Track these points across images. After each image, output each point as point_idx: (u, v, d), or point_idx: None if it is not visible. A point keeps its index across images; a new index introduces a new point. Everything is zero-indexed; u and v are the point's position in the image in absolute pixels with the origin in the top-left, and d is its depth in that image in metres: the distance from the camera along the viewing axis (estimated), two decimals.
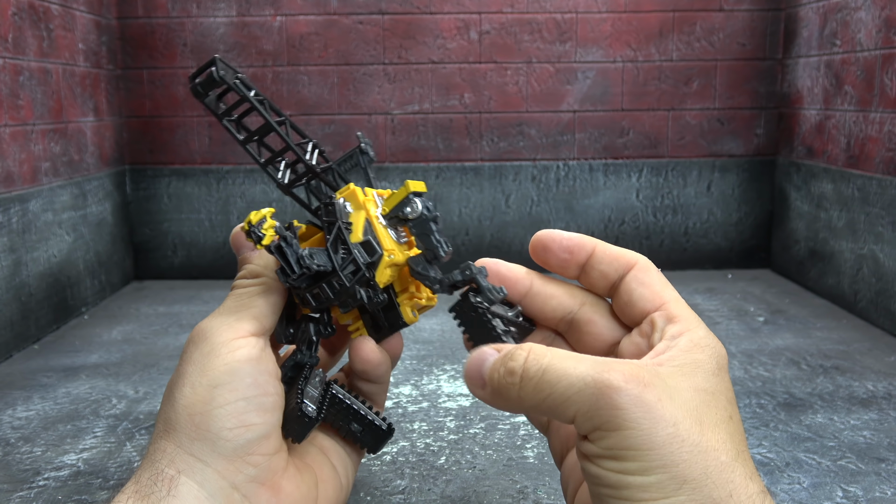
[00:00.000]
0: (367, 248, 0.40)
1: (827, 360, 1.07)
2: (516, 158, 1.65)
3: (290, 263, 0.39)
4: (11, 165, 1.17)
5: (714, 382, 0.35)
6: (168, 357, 1.12)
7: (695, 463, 0.32)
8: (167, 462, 0.36)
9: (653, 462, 0.31)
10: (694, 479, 0.32)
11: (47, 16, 1.30)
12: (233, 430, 0.36)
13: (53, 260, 1.29)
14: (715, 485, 0.32)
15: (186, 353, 0.39)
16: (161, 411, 0.38)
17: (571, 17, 1.60)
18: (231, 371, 0.37)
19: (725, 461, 0.32)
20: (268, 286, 0.41)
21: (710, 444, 0.32)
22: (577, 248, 0.42)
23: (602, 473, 0.33)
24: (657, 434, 0.32)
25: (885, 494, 0.69)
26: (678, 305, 0.39)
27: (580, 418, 0.33)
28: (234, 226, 1.66)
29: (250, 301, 0.40)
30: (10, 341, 1.14)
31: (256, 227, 0.39)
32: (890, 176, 1.23)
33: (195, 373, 0.37)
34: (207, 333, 0.38)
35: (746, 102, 1.65)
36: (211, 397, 0.36)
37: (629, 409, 0.31)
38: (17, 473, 0.74)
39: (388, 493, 0.67)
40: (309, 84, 1.61)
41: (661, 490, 0.31)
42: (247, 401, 0.37)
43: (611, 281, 0.41)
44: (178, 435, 0.36)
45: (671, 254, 1.69)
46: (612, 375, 0.32)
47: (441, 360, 1.08)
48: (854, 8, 1.35)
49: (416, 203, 0.41)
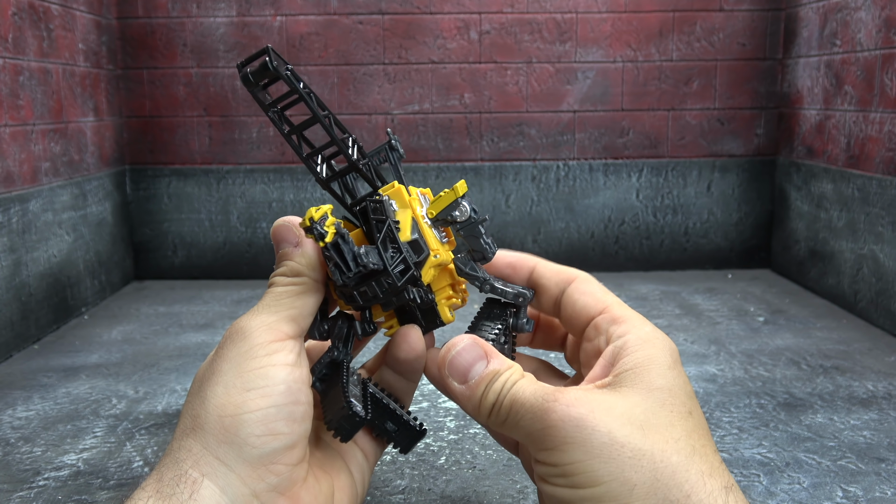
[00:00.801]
0: (414, 248, 0.41)
1: (827, 360, 1.07)
2: (516, 158, 1.65)
3: (347, 261, 0.38)
4: (11, 165, 1.17)
5: (671, 377, 0.36)
6: (168, 357, 1.12)
7: (640, 467, 0.32)
8: (192, 463, 0.35)
9: (596, 471, 0.32)
10: (643, 482, 0.32)
11: (47, 16, 1.30)
12: (260, 438, 0.36)
13: (53, 260, 1.29)
14: (668, 486, 0.32)
15: (222, 350, 0.38)
16: (188, 405, 0.37)
17: (571, 17, 1.60)
18: (266, 375, 0.36)
19: (678, 461, 0.32)
20: (308, 286, 0.40)
21: (655, 446, 0.33)
22: (518, 264, 0.44)
23: (557, 492, 0.34)
24: (592, 444, 0.33)
25: (885, 494, 0.69)
26: (620, 308, 0.40)
27: (528, 440, 0.35)
28: (235, 225, 1.67)
29: (290, 301, 0.39)
30: (10, 341, 1.14)
31: (319, 223, 0.39)
32: (890, 176, 1.23)
33: (230, 372, 0.37)
34: (246, 332, 0.38)
35: (746, 102, 1.65)
36: (243, 401, 0.36)
37: (561, 426, 0.33)
38: (17, 473, 0.74)
39: (388, 493, 0.67)
40: (309, 84, 1.61)
41: (613, 499, 0.32)
42: (277, 409, 0.36)
43: (553, 295, 0.43)
44: (205, 435, 0.35)
45: (671, 254, 1.69)
46: (546, 399, 0.34)
47: None
48: (854, 8, 1.35)
49: (465, 206, 0.42)
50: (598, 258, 1.68)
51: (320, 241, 0.38)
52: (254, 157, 1.64)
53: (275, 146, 1.63)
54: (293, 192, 1.64)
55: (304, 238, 0.41)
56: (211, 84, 1.61)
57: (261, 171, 1.64)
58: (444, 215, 0.43)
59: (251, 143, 1.63)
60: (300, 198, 1.65)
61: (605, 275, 1.65)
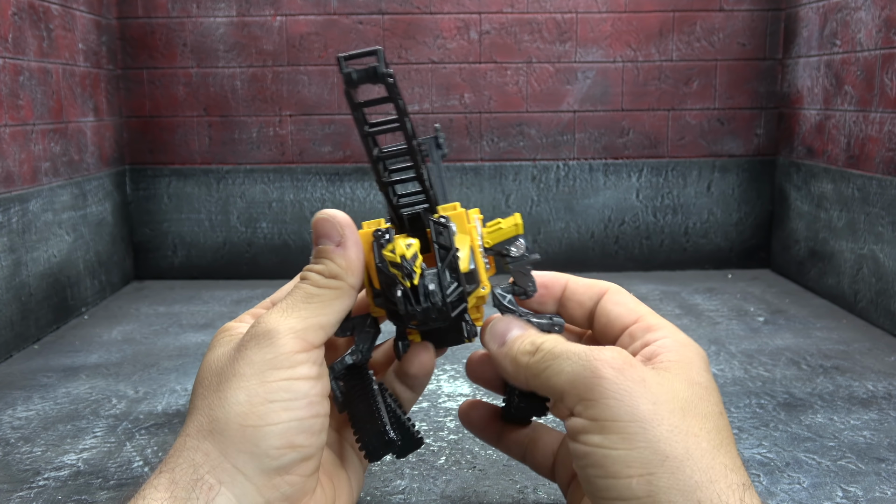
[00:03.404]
0: (469, 279, 0.41)
1: (827, 360, 1.07)
2: (516, 158, 1.65)
3: (419, 296, 0.38)
4: (11, 165, 1.17)
5: (707, 378, 0.37)
6: (168, 357, 1.12)
7: (675, 442, 0.33)
8: (209, 468, 0.35)
9: (635, 434, 0.33)
10: (676, 456, 0.33)
11: (47, 16, 1.30)
12: (279, 450, 0.36)
13: (53, 260, 1.29)
14: (697, 467, 0.33)
15: (246, 351, 0.37)
16: (204, 400, 0.37)
17: (571, 17, 1.60)
18: (289, 388, 0.36)
19: (707, 448, 0.33)
20: (343, 292, 0.39)
21: (691, 429, 0.34)
22: (550, 283, 0.45)
23: (588, 451, 0.34)
24: (638, 407, 0.33)
25: (885, 494, 0.69)
26: (654, 317, 0.42)
27: (568, 389, 0.35)
28: (234, 225, 1.67)
29: (321, 307, 0.38)
30: (10, 341, 1.14)
31: (410, 262, 0.38)
32: (890, 176, 1.23)
33: (253, 379, 0.36)
34: (273, 338, 0.37)
35: (746, 102, 1.65)
36: (266, 412, 0.35)
37: (612, 380, 0.34)
38: (17, 473, 0.74)
39: (388, 493, 0.67)
40: (309, 84, 1.61)
41: (643, 465, 0.33)
42: (299, 422, 0.36)
43: (587, 309, 0.44)
44: (225, 441, 0.35)
45: (671, 254, 1.69)
46: (601, 353, 0.35)
47: (441, 361, 1.08)
48: (854, 8, 1.35)
49: (521, 242, 0.44)
50: (598, 258, 1.68)
51: (406, 281, 0.38)
52: (254, 157, 1.64)
53: (275, 146, 1.63)
54: (293, 192, 1.64)
55: (348, 239, 0.40)
56: (211, 84, 1.61)
57: (261, 171, 1.64)
58: (500, 248, 0.44)
59: (251, 143, 1.63)
60: (300, 198, 1.65)
61: (605, 275, 1.65)
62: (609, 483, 0.34)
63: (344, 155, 1.64)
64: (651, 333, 0.40)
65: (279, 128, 1.63)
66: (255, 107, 1.62)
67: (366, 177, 1.65)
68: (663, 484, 0.32)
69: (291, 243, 1.66)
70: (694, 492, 0.32)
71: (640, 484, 0.33)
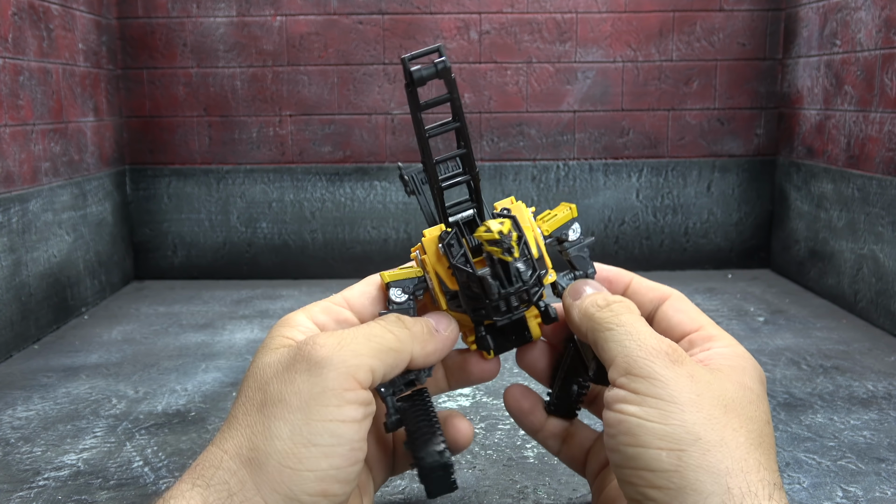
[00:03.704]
0: (539, 265, 0.42)
1: (827, 360, 1.07)
2: (516, 158, 1.65)
3: (510, 276, 0.39)
4: (11, 165, 1.17)
5: (759, 388, 0.38)
6: (168, 357, 1.12)
7: (711, 429, 0.34)
8: (242, 498, 0.34)
9: (671, 413, 0.34)
10: (709, 440, 0.33)
11: (47, 16, 1.30)
12: (312, 497, 0.35)
13: (53, 260, 1.29)
14: (730, 455, 0.33)
15: (294, 375, 0.36)
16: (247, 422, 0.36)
17: (571, 17, 1.60)
18: (332, 432, 0.35)
19: (743, 442, 0.34)
20: (403, 355, 0.39)
21: (731, 423, 0.34)
22: (615, 279, 0.45)
23: (622, 419, 0.35)
24: (681, 394, 0.34)
25: (885, 494, 0.69)
26: (715, 328, 0.42)
27: (619, 361, 0.36)
28: (234, 225, 1.67)
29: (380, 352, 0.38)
30: (10, 341, 1.14)
31: (508, 237, 0.37)
32: (890, 176, 1.23)
33: (298, 412, 0.35)
34: (323, 368, 0.36)
35: (746, 102, 1.65)
36: (306, 456, 0.35)
37: (661, 368, 0.35)
38: (17, 473, 0.74)
39: (388, 493, 0.67)
40: (309, 84, 1.61)
41: (675, 441, 0.33)
42: (337, 471, 0.35)
43: (647, 311, 0.44)
44: (261, 475, 0.35)
45: (671, 254, 1.69)
46: (660, 343, 0.37)
47: None
48: (854, 8, 1.35)
49: (577, 227, 0.44)
50: (598, 258, 1.68)
51: (507, 256, 0.37)
52: (254, 157, 1.64)
53: (275, 146, 1.63)
54: (293, 192, 1.64)
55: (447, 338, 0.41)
56: (211, 84, 1.61)
57: (261, 171, 1.64)
58: (557, 233, 0.44)
59: (251, 143, 1.63)
60: (300, 198, 1.65)
61: None
62: (638, 452, 0.34)
63: (344, 155, 1.64)
64: (710, 342, 0.40)
65: (279, 128, 1.63)
66: (255, 107, 1.62)
67: (366, 177, 1.65)
68: (693, 462, 0.33)
69: (291, 243, 1.66)
70: (724, 476, 0.33)
71: (669, 457, 0.33)
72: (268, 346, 0.39)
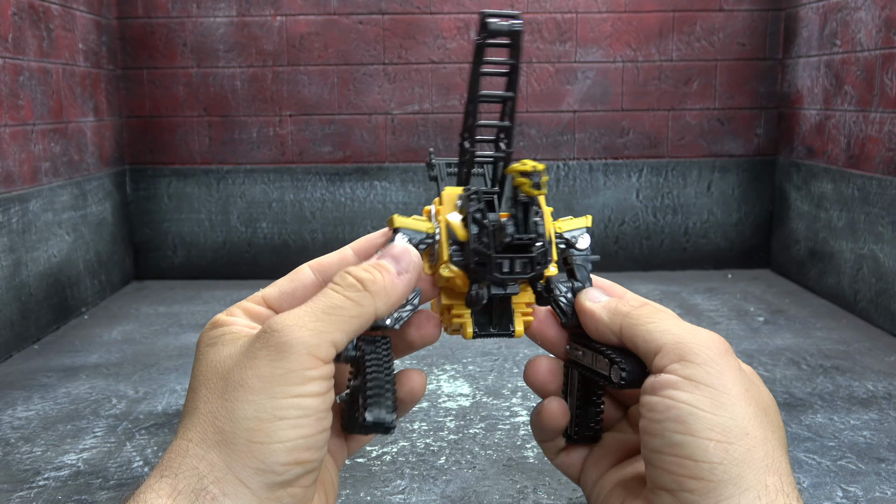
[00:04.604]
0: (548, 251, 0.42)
1: (827, 360, 1.07)
2: (516, 158, 1.65)
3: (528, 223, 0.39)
4: (11, 165, 1.17)
5: (771, 403, 0.38)
6: (168, 357, 1.12)
7: (756, 426, 0.34)
8: (213, 479, 0.35)
9: (723, 404, 0.34)
10: (756, 436, 0.34)
11: (47, 16, 1.30)
12: (285, 466, 0.36)
13: (53, 260, 1.29)
14: (771, 454, 0.34)
15: (256, 361, 0.36)
16: (209, 409, 0.37)
17: (571, 17, 1.60)
18: (298, 406, 0.36)
19: (778, 444, 0.35)
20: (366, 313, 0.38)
21: (770, 424, 0.35)
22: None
23: (672, 405, 0.35)
24: (734, 384, 0.35)
25: (885, 494, 0.69)
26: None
27: (670, 347, 0.36)
28: (235, 225, 1.67)
29: (341, 322, 0.37)
30: (10, 341, 1.14)
31: (538, 174, 0.37)
32: (890, 176, 1.23)
33: (262, 392, 0.36)
34: (285, 350, 0.36)
35: (746, 102, 1.65)
36: (274, 429, 0.35)
37: (715, 356, 0.35)
38: (17, 473, 0.74)
39: (388, 493, 0.67)
40: (309, 84, 1.61)
41: (724, 433, 0.34)
42: (306, 439, 0.36)
43: None
44: (231, 454, 0.35)
45: (671, 254, 1.69)
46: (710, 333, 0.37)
47: (441, 361, 1.08)
48: (854, 8, 1.35)
49: (587, 237, 0.44)
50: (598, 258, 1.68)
51: (536, 191, 0.38)
52: (254, 157, 1.64)
53: (275, 146, 1.63)
54: (293, 191, 1.64)
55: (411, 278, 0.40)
56: (211, 84, 1.61)
57: (261, 171, 1.64)
58: (570, 236, 0.44)
59: (251, 143, 1.63)
60: (300, 198, 1.65)
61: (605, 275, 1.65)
62: (686, 440, 0.34)
63: (344, 155, 1.64)
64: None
65: (279, 128, 1.63)
66: (255, 107, 1.62)
67: (366, 177, 1.65)
68: (738, 456, 0.33)
69: (291, 243, 1.66)
70: (763, 473, 0.33)
71: (717, 448, 0.33)
72: (214, 343, 0.40)
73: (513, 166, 0.39)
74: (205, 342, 0.40)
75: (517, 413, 0.88)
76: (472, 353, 1.11)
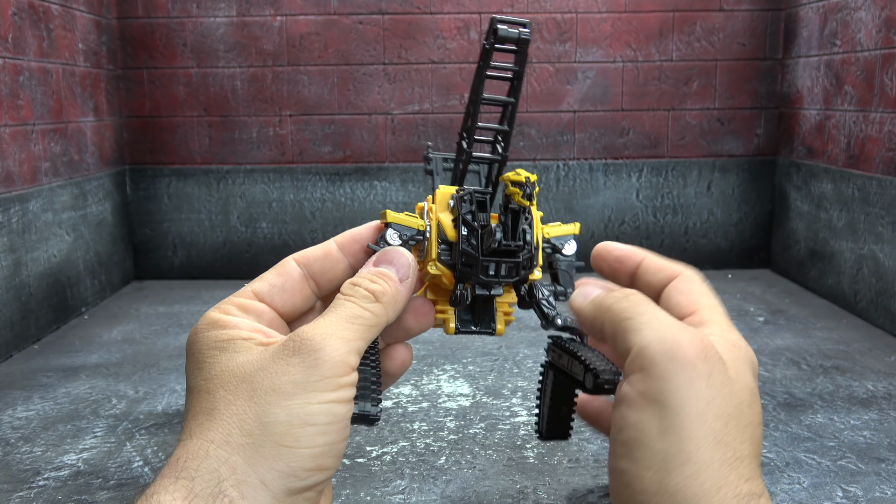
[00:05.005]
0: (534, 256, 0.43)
1: (827, 360, 1.07)
2: (516, 158, 1.65)
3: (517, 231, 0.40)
4: (11, 165, 1.17)
5: (754, 385, 0.37)
6: (168, 357, 1.12)
7: (705, 448, 0.33)
8: (234, 482, 0.35)
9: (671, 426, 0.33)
10: (698, 461, 0.33)
11: (47, 16, 1.30)
12: (308, 471, 0.36)
13: (53, 260, 1.29)
14: (712, 474, 0.33)
15: (290, 367, 0.37)
16: (233, 411, 0.36)
17: (571, 17, 1.60)
18: (329, 412, 0.36)
19: (730, 457, 0.34)
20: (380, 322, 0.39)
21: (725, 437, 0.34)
22: (626, 258, 0.45)
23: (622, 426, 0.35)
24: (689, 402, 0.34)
25: (885, 494, 0.69)
26: (712, 312, 0.40)
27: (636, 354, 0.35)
28: (234, 225, 1.67)
29: (363, 331, 0.39)
30: (10, 341, 1.14)
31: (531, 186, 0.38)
32: (890, 176, 1.23)
33: (296, 398, 0.36)
34: (319, 358, 0.37)
35: (746, 102, 1.65)
36: (304, 435, 0.36)
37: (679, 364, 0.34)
38: (17, 473, 0.74)
39: (388, 493, 0.67)
40: (309, 84, 1.61)
41: (665, 461, 0.33)
42: (331, 446, 0.37)
43: (655, 290, 0.43)
44: (258, 457, 0.35)
45: (671, 254, 1.69)
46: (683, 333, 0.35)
47: (441, 360, 1.08)
48: (854, 8, 1.35)
49: (573, 244, 0.45)
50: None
51: (527, 202, 0.38)
52: (254, 157, 1.64)
53: (275, 146, 1.63)
54: (293, 192, 1.64)
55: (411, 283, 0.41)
56: (211, 84, 1.61)
57: (261, 171, 1.64)
58: (556, 241, 0.45)
59: (251, 143, 1.63)
60: (300, 198, 1.65)
61: None
62: (627, 468, 0.34)
63: (344, 155, 1.64)
64: (703, 328, 0.39)
65: (279, 128, 1.63)
66: (255, 107, 1.62)
67: (366, 177, 1.65)
68: (672, 487, 0.33)
69: (291, 243, 1.66)
70: (699, 499, 0.32)
71: (652, 479, 0.33)
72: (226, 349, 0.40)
73: (507, 175, 0.40)
74: (208, 343, 0.40)
75: (517, 413, 0.88)
76: (472, 354, 1.11)
